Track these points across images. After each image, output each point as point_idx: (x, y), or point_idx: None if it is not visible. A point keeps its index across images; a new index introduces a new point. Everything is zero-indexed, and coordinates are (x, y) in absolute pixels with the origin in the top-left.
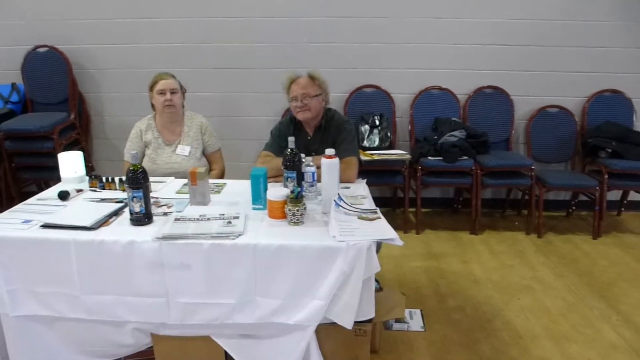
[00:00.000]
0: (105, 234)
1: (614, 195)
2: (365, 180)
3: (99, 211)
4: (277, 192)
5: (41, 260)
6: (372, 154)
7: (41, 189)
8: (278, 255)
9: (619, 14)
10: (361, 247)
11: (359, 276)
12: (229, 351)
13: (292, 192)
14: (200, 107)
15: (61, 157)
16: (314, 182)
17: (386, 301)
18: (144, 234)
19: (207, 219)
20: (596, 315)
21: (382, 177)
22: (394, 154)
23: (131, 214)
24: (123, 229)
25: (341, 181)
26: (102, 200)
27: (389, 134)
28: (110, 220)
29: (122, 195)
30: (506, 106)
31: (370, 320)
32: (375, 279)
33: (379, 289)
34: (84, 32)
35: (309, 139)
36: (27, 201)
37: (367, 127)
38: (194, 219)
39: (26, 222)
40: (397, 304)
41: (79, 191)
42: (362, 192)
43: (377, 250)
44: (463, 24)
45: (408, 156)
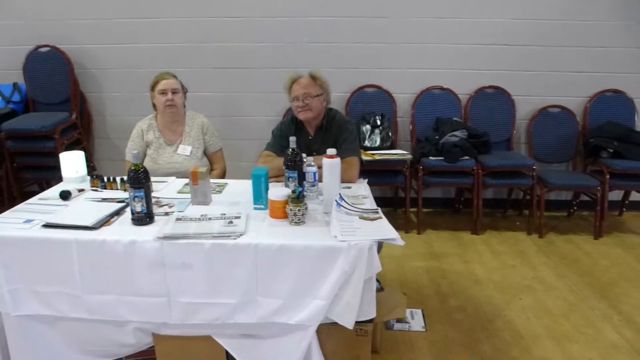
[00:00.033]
0: (106, 234)
1: (615, 195)
2: (366, 180)
3: (100, 211)
4: (278, 192)
5: (43, 259)
6: (374, 154)
7: (43, 188)
8: (279, 255)
9: (620, 14)
10: (362, 247)
11: (360, 276)
12: (230, 351)
13: (293, 192)
14: (201, 107)
15: (63, 156)
16: (315, 182)
17: (387, 301)
18: (145, 233)
19: (209, 218)
20: (597, 316)
21: (384, 177)
22: (395, 154)
23: (132, 213)
24: (124, 228)
25: (342, 181)
26: (104, 200)
27: (390, 133)
28: (112, 220)
29: (123, 195)
30: (507, 106)
31: (371, 320)
32: (377, 279)
33: (380, 289)
34: (85, 32)
35: (310, 138)
36: (29, 201)
37: (368, 127)
38: (195, 219)
39: (28, 221)
40: (398, 304)
41: (80, 191)
42: (364, 192)
43: (379, 250)
44: (464, 23)
45: (409, 156)
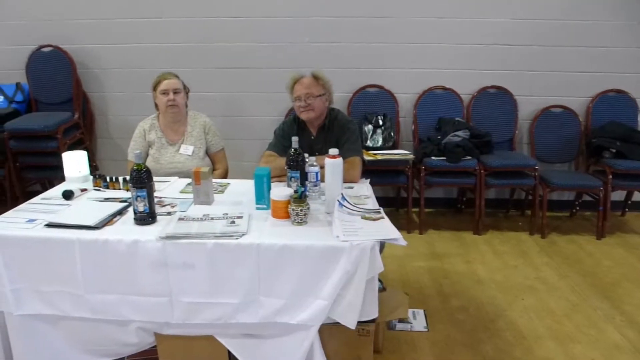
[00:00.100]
0: (109, 234)
1: (618, 195)
2: (368, 180)
3: (103, 210)
4: (280, 191)
5: (45, 259)
6: (376, 154)
7: (45, 188)
8: (281, 255)
9: (622, 14)
10: (365, 247)
11: (362, 276)
12: (232, 351)
13: (295, 191)
14: (203, 106)
15: (65, 156)
16: (317, 182)
17: (389, 301)
18: (147, 233)
19: (211, 218)
20: (600, 316)
21: (386, 177)
22: (398, 154)
23: (135, 213)
24: (127, 228)
25: (345, 181)
26: (106, 199)
27: (392, 133)
28: (114, 220)
29: (126, 194)
30: (510, 106)
31: (373, 320)
32: (379, 279)
33: (382, 289)
34: (88, 32)
35: (312, 138)
36: (32, 200)
37: (370, 127)
38: (197, 219)
39: (30, 221)
40: (400, 304)
41: (83, 190)
42: (366, 192)
43: (381, 250)
44: (466, 23)
45: (411, 156)
